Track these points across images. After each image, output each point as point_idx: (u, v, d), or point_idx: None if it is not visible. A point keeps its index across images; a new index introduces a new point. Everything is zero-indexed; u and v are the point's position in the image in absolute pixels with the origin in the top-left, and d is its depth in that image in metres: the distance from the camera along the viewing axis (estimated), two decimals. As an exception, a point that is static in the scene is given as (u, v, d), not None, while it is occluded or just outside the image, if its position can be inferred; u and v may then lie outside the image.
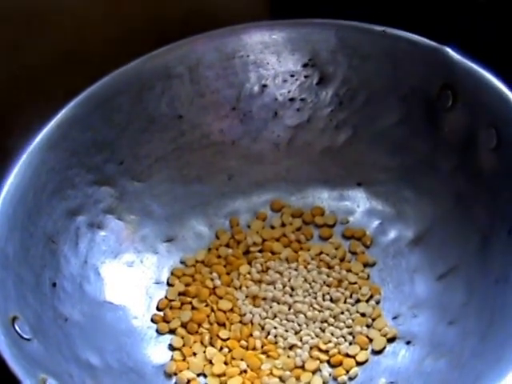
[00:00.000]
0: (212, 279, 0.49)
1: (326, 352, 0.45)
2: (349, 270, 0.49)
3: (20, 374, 0.37)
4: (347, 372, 0.45)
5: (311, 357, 0.45)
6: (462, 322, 0.44)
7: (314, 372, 0.45)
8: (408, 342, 0.45)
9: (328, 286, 0.48)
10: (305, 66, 0.51)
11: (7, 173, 0.44)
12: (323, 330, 0.46)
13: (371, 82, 0.50)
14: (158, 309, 0.48)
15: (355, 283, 0.48)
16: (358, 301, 0.47)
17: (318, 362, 0.45)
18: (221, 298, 0.48)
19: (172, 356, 0.46)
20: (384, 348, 0.45)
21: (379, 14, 0.50)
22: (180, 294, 0.48)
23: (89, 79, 0.49)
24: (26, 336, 0.40)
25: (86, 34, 0.53)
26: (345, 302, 0.47)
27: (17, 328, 0.40)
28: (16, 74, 0.52)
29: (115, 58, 0.49)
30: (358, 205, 0.51)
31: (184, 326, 0.47)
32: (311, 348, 0.46)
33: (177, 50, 0.50)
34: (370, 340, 0.46)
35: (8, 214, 0.43)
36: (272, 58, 0.51)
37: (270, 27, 0.51)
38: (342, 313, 0.47)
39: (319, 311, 0.47)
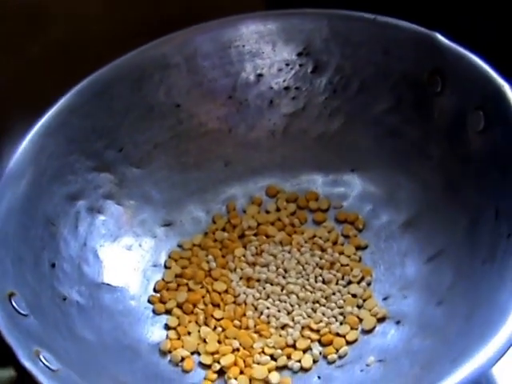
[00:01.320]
0: (208, 262, 0.50)
1: (317, 331, 0.46)
2: (341, 253, 0.50)
3: (13, 345, 0.38)
4: (337, 351, 0.45)
5: (302, 336, 0.46)
6: (449, 303, 0.44)
7: (304, 351, 0.46)
8: (397, 322, 0.46)
9: (320, 268, 0.49)
10: (299, 54, 0.52)
11: (7, 158, 0.46)
12: (315, 311, 0.47)
13: (363, 69, 0.51)
14: (155, 290, 0.49)
15: (347, 265, 0.49)
16: (349, 282, 0.48)
17: (309, 341, 0.46)
18: (216, 279, 0.49)
19: (167, 335, 0.47)
20: (374, 328, 0.46)
21: (376, 10, 0.51)
22: (177, 276, 0.50)
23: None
24: (22, 311, 0.41)
25: (85, 30, 0.55)
26: (336, 284, 0.48)
27: (13, 303, 0.41)
28: (16, 71, 0.53)
29: (115, 54, 0.50)
30: (352, 190, 0.52)
31: (180, 306, 0.48)
32: (303, 328, 0.46)
33: (174, 40, 0.51)
34: (361, 320, 0.46)
35: (8, 196, 0.44)
36: (267, 48, 0.52)
37: (265, 17, 0.52)
38: (334, 294, 0.48)
39: (311, 292, 0.48)
